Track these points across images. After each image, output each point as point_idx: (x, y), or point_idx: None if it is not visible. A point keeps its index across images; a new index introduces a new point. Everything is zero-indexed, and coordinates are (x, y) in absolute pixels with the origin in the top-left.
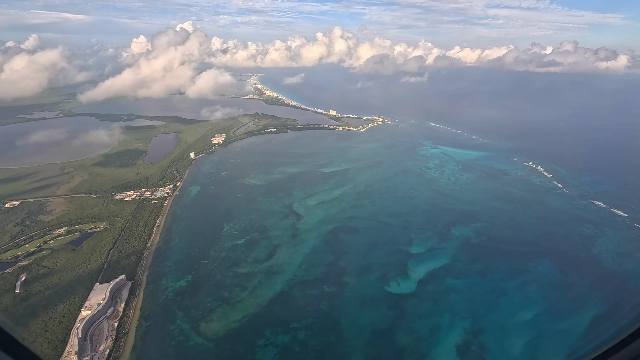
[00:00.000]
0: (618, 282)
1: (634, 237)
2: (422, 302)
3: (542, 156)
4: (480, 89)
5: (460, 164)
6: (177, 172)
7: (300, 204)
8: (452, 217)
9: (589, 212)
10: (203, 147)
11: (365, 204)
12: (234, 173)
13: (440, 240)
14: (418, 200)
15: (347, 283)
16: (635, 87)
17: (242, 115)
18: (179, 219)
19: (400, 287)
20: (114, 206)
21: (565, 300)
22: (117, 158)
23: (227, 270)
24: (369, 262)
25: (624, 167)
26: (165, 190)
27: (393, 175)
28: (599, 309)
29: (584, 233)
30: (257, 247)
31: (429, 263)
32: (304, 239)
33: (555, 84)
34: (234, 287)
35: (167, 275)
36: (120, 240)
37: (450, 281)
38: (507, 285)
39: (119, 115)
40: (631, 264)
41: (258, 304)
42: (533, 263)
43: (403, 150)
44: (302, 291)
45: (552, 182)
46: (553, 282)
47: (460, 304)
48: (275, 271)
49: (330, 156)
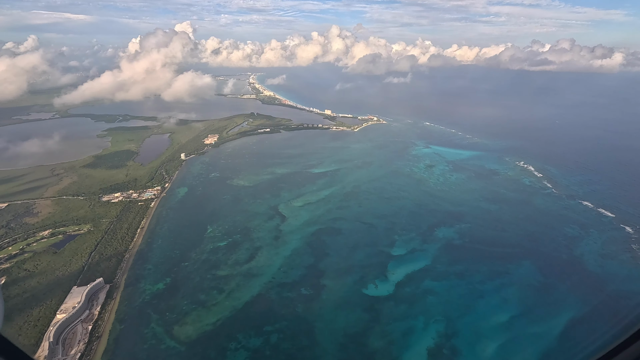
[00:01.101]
0: (598, 284)
1: (618, 238)
2: (398, 305)
3: (534, 155)
4: (476, 87)
5: (451, 164)
6: (166, 173)
7: (286, 206)
8: (437, 218)
9: (575, 213)
10: (195, 147)
11: (352, 205)
12: (222, 174)
13: (422, 241)
14: (405, 201)
15: (325, 285)
16: (633, 84)
17: (237, 115)
18: (164, 221)
19: (378, 290)
20: (100, 208)
21: (542, 303)
22: (108, 159)
23: (206, 272)
24: (349, 264)
25: (615, 166)
26: (152, 192)
27: (382, 175)
28: (576, 312)
29: (569, 234)
30: (238, 249)
31: (409, 265)
32: (286, 241)
33: (552, 82)
34: (211, 289)
35: (145, 277)
36: (103, 242)
37: (428, 283)
38: (485, 288)
39: (115, 115)
40: (613, 266)
41: (234, 307)
42: (514, 265)
43: (395, 150)
44: (279, 294)
45: (542, 182)
46: (532, 284)
47: (436, 307)
48: (254, 274)
49: (321, 157)
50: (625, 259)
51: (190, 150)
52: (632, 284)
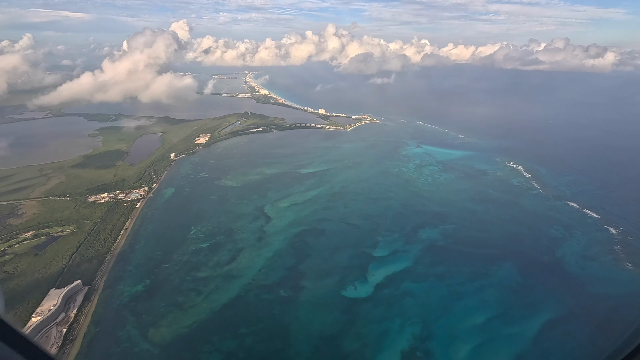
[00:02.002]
0: (577, 286)
1: (601, 239)
2: (376, 307)
3: (525, 155)
4: (470, 86)
5: (440, 164)
6: (154, 173)
7: (272, 206)
8: (422, 219)
9: (561, 214)
10: (185, 147)
11: (338, 206)
12: (211, 174)
13: (405, 242)
14: (391, 202)
15: (304, 287)
16: (628, 83)
17: (230, 114)
18: (148, 222)
19: (357, 291)
20: (85, 209)
21: (520, 305)
22: (97, 159)
23: (186, 274)
24: (330, 266)
25: (605, 166)
26: (139, 193)
27: (371, 176)
28: (553, 313)
29: (552, 235)
30: (220, 250)
31: (390, 266)
32: (269, 242)
33: (546, 81)
34: (190, 291)
35: (125, 279)
36: (85, 244)
37: (408, 285)
38: (464, 289)
39: (108, 115)
40: (593, 268)
41: (211, 309)
42: (495, 266)
43: (386, 150)
44: (258, 296)
45: (530, 182)
46: (512, 285)
47: (413, 309)
48: (234, 275)
49: (311, 156)
50: (606, 261)
51: (180, 150)
52: (611, 286)
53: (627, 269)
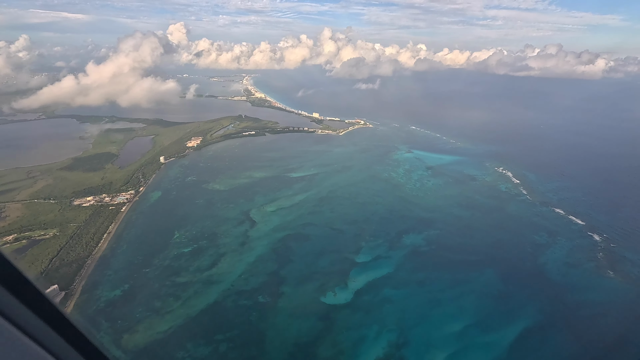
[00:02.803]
0: (557, 293)
1: (585, 246)
2: (354, 313)
3: (515, 161)
4: (464, 91)
5: (430, 169)
6: (143, 176)
7: (258, 211)
8: (407, 224)
9: (546, 220)
10: (176, 150)
11: (324, 211)
12: (199, 178)
13: (389, 248)
14: (378, 207)
15: (284, 293)
16: (622, 89)
17: (224, 117)
18: (132, 226)
19: (336, 298)
20: (70, 212)
21: (498, 312)
22: (86, 162)
23: (166, 279)
24: (312, 271)
25: (595, 172)
26: (125, 196)
27: (360, 180)
28: (531, 321)
29: (536, 241)
30: (202, 255)
31: (371, 272)
32: (252, 247)
33: (539, 86)
34: (168, 297)
35: (103, 284)
36: (66, 248)
37: (388, 291)
38: (444, 296)
39: (101, 117)
40: (575, 275)
41: (188, 314)
42: (476, 272)
43: (376, 155)
44: (236, 302)
45: (518, 188)
46: (492, 292)
47: (391, 316)
48: (214, 281)
49: (301, 160)
50: (588, 268)
51: (171, 153)
52: (591, 293)
53: (608, 276)
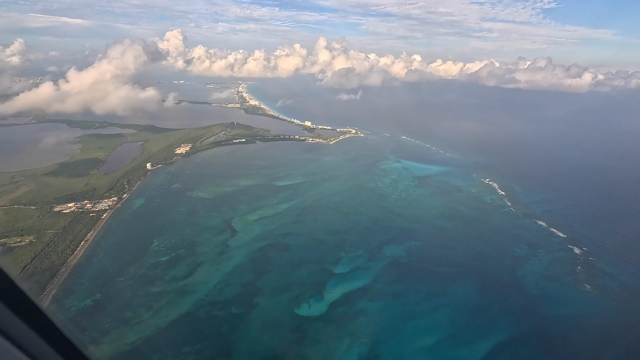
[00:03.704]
0: (533, 307)
1: (564, 259)
2: (327, 326)
3: (502, 172)
4: (456, 102)
5: (417, 180)
6: (127, 183)
7: (241, 219)
8: (389, 235)
9: (528, 232)
10: (164, 157)
11: (307, 220)
12: (185, 185)
13: (368, 259)
14: (361, 217)
15: (258, 304)
16: (613, 103)
17: (216, 124)
18: (111, 233)
19: (310, 310)
20: (49, 219)
21: (472, 326)
22: (72, 167)
23: (139, 288)
24: (288, 282)
25: (580, 185)
26: (107, 203)
27: (345, 190)
28: (504, 335)
29: (516, 254)
30: (179, 264)
31: (348, 284)
32: (231, 257)
33: (528, 98)
34: (139, 307)
35: (75, 293)
36: (41, 255)
37: (363, 303)
38: (419, 309)
39: (92, 122)
40: (552, 288)
41: (158, 325)
42: (454, 285)
43: (365, 164)
44: (208, 312)
45: (503, 199)
46: (468, 305)
47: (364, 328)
48: (188, 290)
49: (289, 169)
50: (566, 282)
51: (158, 159)
52: (566, 308)
53: (585, 290)
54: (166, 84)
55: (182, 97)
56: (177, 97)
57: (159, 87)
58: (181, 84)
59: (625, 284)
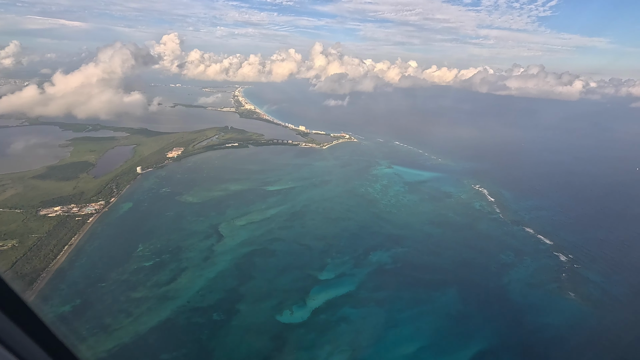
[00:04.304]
0: (516, 314)
1: (550, 266)
2: (308, 333)
3: (493, 179)
4: (449, 108)
5: (407, 185)
6: (116, 187)
7: (228, 224)
8: (376, 241)
9: (515, 239)
10: (155, 161)
11: (295, 225)
12: (174, 189)
13: (354, 265)
14: (349, 223)
15: (240, 311)
16: (605, 110)
17: (210, 128)
18: (96, 238)
19: (292, 317)
20: (33, 222)
21: (455, 333)
22: (61, 170)
23: (120, 294)
24: (272, 289)
25: (569, 192)
26: (94, 207)
27: (335, 195)
28: (485, 344)
29: (502, 261)
30: (162, 270)
31: (332, 290)
32: (215, 262)
33: (523, 105)
34: (119, 313)
35: (54, 299)
36: (22, 260)
37: (346, 310)
38: (402, 316)
39: (84, 125)
40: (536, 296)
41: (137, 332)
42: (438, 292)
43: (356, 170)
44: (189, 319)
45: (492, 206)
46: (451, 313)
47: (346, 336)
48: (170, 296)
49: (280, 174)
50: (550, 289)
51: (149, 163)
52: (549, 316)
53: (569, 298)
54: (160, 88)
55: (178, 100)
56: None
57: (151, 91)
58: (178, 88)
59: (608, 292)
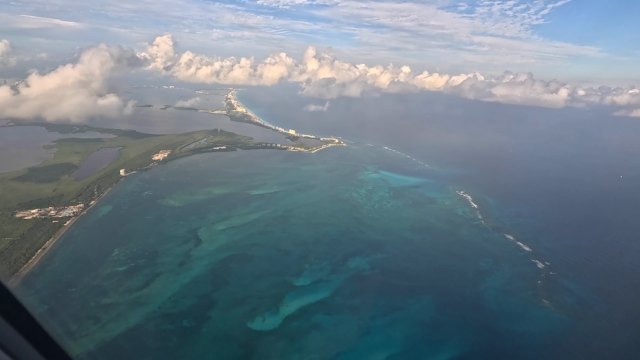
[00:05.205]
0: (489, 322)
1: (527, 273)
2: (279, 341)
3: (478, 185)
4: (439, 114)
5: (392, 191)
6: (97, 190)
7: (208, 229)
8: (356, 247)
9: (495, 246)
10: (140, 163)
11: (275, 230)
12: (156, 193)
13: (331, 272)
14: (331, 228)
15: (211, 317)
16: (592, 118)
17: (199, 131)
18: (71, 242)
19: (264, 324)
20: (8, 225)
21: (426, 342)
22: (43, 172)
23: (90, 300)
24: (246, 295)
25: (553, 199)
26: (72, 210)
27: (319, 200)
28: (456, 352)
29: (480, 268)
30: (136, 275)
31: (307, 297)
32: (191, 267)
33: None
34: (87, 319)
35: None
36: None
37: (319, 317)
38: (375, 323)
39: (71, 126)
40: (510, 304)
41: (103, 339)
42: (414, 299)
43: (342, 174)
44: (158, 326)
45: (475, 212)
46: (424, 320)
47: (316, 343)
48: (141, 302)
49: (266, 178)
50: (525, 297)
51: (134, 165)
52: (522, 323)
53: (543, 305)
54: (153, 90)
55: (168, 102)
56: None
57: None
58: (170, 89)
59: (582, 299)
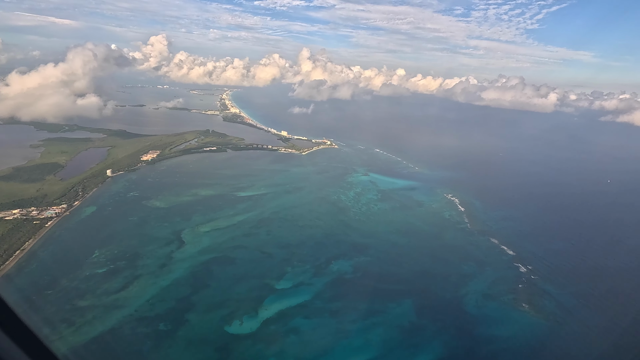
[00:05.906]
0: (468, 326)
1: (509, 277)
2: (255, 345)
3: (466, 188)
4: (432, 117)
5: (380, 194)
6: (82, 190)
7: (192, 231)
8: (340, 250)
9: (479, 249)
10: (127, 164)
11: (260, 233)
12: (142, 194)
13: (313, 275)
14: (316, 231)
15: (188, 321)
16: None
17: (190, 131)
18: (51, 243)
19: (241, 327)
20: None
21: (404, 346)
22: (28, 172)
23: (66, 302)
24: (225, 298)
25: (540, 202)
26: (55, 210)
27: (307, 202)
28: (433, 356)
29: (463, 271)
30: (115, 277)
31: (287, 300)
32: (172, 270)
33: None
34: (62, 322)
35: None
36: None
37: (298, 321)
38: (354, 327)
39: (61, 125)
40: (490, 308)
41: (76, 342)
42: (394, 303)
43: (332, 176)
44: (134, 329)
45: (461, 216)
46: (403, 324)
47: (293, 348)
48: (118, 305)
49: (254, 179)
50: (506, 301)
51: (121, 166)
52: (500, 327)
53: (522, 309)
54: (147, 89)
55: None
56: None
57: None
58: (165, 89)
59: (562, 304)
